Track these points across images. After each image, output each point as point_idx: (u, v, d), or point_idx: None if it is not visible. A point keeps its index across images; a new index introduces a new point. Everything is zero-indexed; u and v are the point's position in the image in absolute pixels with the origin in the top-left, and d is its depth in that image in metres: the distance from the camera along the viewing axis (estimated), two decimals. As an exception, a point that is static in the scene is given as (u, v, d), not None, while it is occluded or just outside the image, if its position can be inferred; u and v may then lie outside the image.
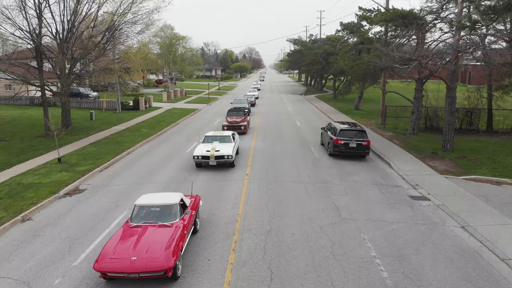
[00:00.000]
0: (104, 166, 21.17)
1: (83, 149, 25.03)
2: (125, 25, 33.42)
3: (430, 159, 22.58)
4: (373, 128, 33.29)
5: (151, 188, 16.93)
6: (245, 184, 17.18)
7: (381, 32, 31.98)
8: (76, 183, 18.24)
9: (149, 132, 31.19)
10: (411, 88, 37.92)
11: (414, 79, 27.49)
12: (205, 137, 21.75)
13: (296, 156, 22.91)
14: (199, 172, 19.29)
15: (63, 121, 33.07)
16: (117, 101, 44.71)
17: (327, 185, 17.15)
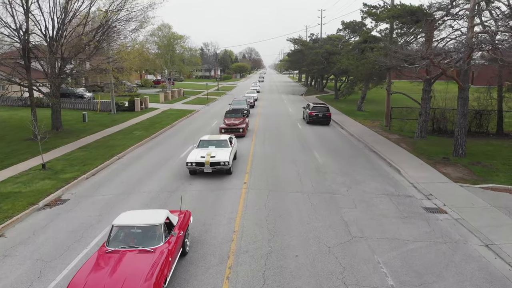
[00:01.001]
0: (91, 173, 19.61)
1: (70, 154, 23.48)
2: (118, 22, 31.90)
3: (442, 165, 21.04)
4: (378, 131, 31.74)
5: (138, 199, 15.37)
6: (243, 194, 15.61)
7: (387, 30, 30.41)
8: (58, 192, 16.69)
9: (142, 134, 29.63)
10: (417, 88, 36.43)
11: (423, 79, 25.94)
12: (200, 142, 20.18)
13: (298, 161, 21.36)
14: (193, 180, 17.72)
15: (53, 123, 31.54)
16: (111, 102, 43.17)
17: (334, 196, 15.58)
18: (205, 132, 30.75)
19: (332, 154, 23.23)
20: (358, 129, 32.35)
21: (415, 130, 30.50)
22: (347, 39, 60.65)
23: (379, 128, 33.44)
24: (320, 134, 30.20)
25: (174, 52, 69.26)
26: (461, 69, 21.21)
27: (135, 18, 32.39)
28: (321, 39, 75.41)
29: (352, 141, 27.95)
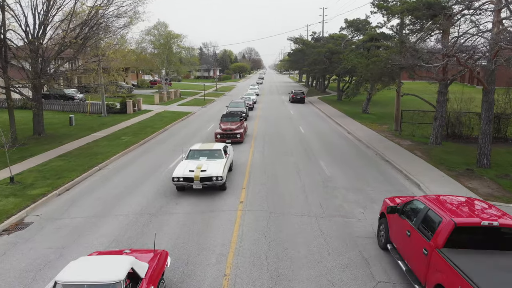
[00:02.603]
0: (64, 187, 17.02)
1: (47, 164, 20.89)
2: (106, 18, 29.34)
3: (466, 177, 18.47)
4: (388, 136, 29.16)
5: (111, 225, 12.77)
6: (238, 218, 13.01)
7: (397, 27, 27.81)
8: (22, 213, 14.13)
9: (130, 140, 27.03)
10: (429, 90, 33.89)
11: (439, 79, 23.35)
12: (189, 152, 17.55)
13: (302, 173, 18.78)
14: (180, 198, 15.12)
15: (34, 127, 29.00)
16: (102, 104, 40.60)
17: (347, 220, 12.98)
18: (199, 137, 28.19)
19: (340, 164, 20.65)
20: (366, 134, 29.77)
21: (428, 136, 27.98)
22: (350, 38, 58.13)
23: (388, 132, 30.86)
24: (325, 140, 27.63)
25: (171, 51, 66.60)
26: (488, 69, 18.63)
27: (124, 13, 29.92)
28: (323, 38, 72.81)
29: (360, 148, 25.37)
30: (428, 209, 9.00)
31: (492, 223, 8.04)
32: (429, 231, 8.57)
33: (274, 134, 29.76)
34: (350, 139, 28.44)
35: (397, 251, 9.98)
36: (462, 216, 8.34)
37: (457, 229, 7.97)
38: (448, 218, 8.21)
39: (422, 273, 8.48)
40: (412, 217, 9.50)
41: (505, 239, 8.17)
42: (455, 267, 7.27)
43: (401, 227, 9.79)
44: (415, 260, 8.86)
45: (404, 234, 9.54)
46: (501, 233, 8.17)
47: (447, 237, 8.00)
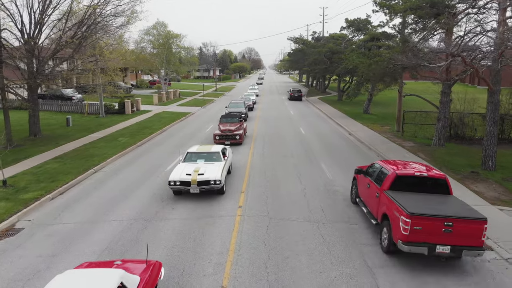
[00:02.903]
0: (58, 191, 16.52)
1: (42, 166, 20.40)
2: (103, 17, 28.83)
3: (471, 180, 17.99)
4: (389, 137, 28.67)
5: (104, 232, 12.26)
6: (237, 224, 12.50)
7: (399, 26, 27.29)
8: (13, 218, 13.64)
9: (127, 142, 26.52)
10: (431, 90, 33.36)
11: (444, 79, 22.85)
12: (187, 154, 17.03)
13: (303, 176, 18.28)
14: (176, 203, 14.62)
15: (30, 128, 28.49)
16: (100, 104, 40.10)
17: (350, 226, 12.48)
18: (198, 139, 27.70)
19: (342, 166, 20.15)
20: (368, 135, 29.28)
21: (431, 137, 27.51)
22: (351, 37, 57.65)
23: (390, 133, 30.37)
24: (326, 141, 27.13)
25: (170, 51, 66.09)
26: (494, 69, 18.13)
27: (122, 12, 29.40)
28: (323, 38, 72.30)
29: (362, 149, 24.88)
30: (382, 167, 12.84)
31: (422, 174, 11.88)
32: (381, 181, 12.17)
33: (274, 135, 29.27)
34: (352, 140, 27.96)
35: (362, 201, 13.74)
36: (402, 170, 12.23)
37: (398, 178, 11.76)
38: (392, 170, 12.06)
39: (375, 210, 12.18)
40: (372, 174, 13.23)
41: (430, 185, 11.78)
42: (393, 200, 10.83)
43: (364, 183, 13.57)
44: (371, 202, 12.58)
45: (366, 187, 13.33)
46: (428, 181, 11.82)
47: (391, 183, 11.72)
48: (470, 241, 9.96)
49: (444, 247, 9.94)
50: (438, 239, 9.93)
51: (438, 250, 9.97)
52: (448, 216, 9.95)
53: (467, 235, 9.93)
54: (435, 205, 10.63)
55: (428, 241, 9.94)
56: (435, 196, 11.52)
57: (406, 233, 9.89)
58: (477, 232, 9.96)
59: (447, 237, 9.91)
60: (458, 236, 9.91)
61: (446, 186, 11.89)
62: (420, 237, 9.94)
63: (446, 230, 9.88)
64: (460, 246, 9.96)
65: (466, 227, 9.92)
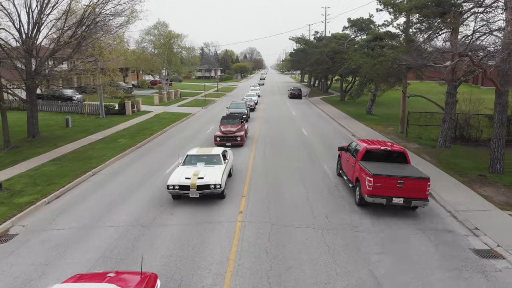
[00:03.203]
0: (54, 195, 16.08)
1: (39, 168, 19.97)
2: (103, 17, 28.40)
3: (479, 184, 17.48)
4: (394, 138, 28.17)
5: (100, 239, 11.80)
6: (237, 231, 12.02)
7: (404, 25, 26.76)
8: (7, 224, 13.19)
9: (127, 143, 26.08)
10: (435, 90, 32.85)
11: (450, 80, 22.34)
12: (186, 157, 16.55)
13: (306, 179, 17.80)
14: (175, 208, 14.15)
15: (29, 130, 28.08)
16: (100, 105, 39.70)
17: (355, 233, 12.00)
18: (198, 140, 27.25)
19: (346, 169, 19.66)
20: (371, 136, 28.71)
21: (436, 138, 27.02)
22: (353, 37, 57.13)
23: (394, 135, 29.87)
24: (328, 142, 26.63)
25: (172, 51, 65.67)
26: (503, 69, 17.62)
27: (121, 12, 28.97)
28: (326, 38, 71.78)
29: (366, 152, 24.36)
30: (357, 144, 16.49)
31: (386, 148, 15.57)
32: (356, 154, 15.64)
33: (276, 136, 28.80)
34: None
35: (343, 172, 17.37)
36: (371, 145, 15.73)
37: (367, 151, 15.35)
38: (363, 146, 15.60)
39: (351, 176, 15.83)
40: (350, 150, 16.77)
41: (394, 157, 15.32)
42: (363, 167, 14.27)
43: (345, 158, 17.29)
44: (349, 171, 16.19)
45: (346, 161, 17.07)
46: (391, 154, 15.39)
47: (362, 155, 15.27)
48: (417, 194, 13.33)
49: (398, 199, 13.40)
50: (394, 193, 13.35)
51: (394, 201, 13.44)
52: (400, 176, 13.45)
53: (415, 190, 13.30)
54: (393, 169, 14.09)
55: (386, 195, 13.38)
56: (395, 164, 15.01)
57: (370, 188, 13.41)
58: (423, 188, 13.32)
59: (400, 191, 13.32)
60: (409, 190, 13.31)
61: (405, 157, 15.46)
62: (380, 191, 13.38)
63: (399, 186, 13.33)
64: (410, 198, 13.36)
65: (414, 184, 13.31)
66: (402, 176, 13.37)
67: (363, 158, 15.13)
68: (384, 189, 13.31)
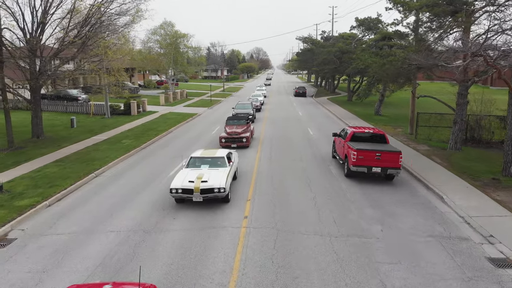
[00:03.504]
0: (56, 197, 15.75)
1: (41, 170, 19.69)
2: (108, 16, 28.13)
3: (492, 188, 16.87)
4: (403, 140, 27.56)
5: (99, 244, 11.41)
6: (242, 237, 11.57)
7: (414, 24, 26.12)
8: (6, 227, 12.87)
9: (131, 144, 25.76)
10: (445, 91, 32.22)
11: (461, 80, 21.69)
12: (190, 159, 16.14)
13: (313, 182, 17.31)
14: (178, 212, 13.73)
15: (33, 130, 27.86)
16: (105, 105, 39.48)
17: (365, 240, 11.49)
18: (204, 141, 26.86)
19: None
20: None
21: (446, 140, 26.38)
22: (361, 37, 56.47)
23: (403, 136, 29.25)
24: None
25: (178, 51, 65.40)
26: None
27: (126, 11, 28.67)
28: (333, 37, 71.14)
29: (374, 154, 23.80)
30: (346, 129, 20.03)
31: (370, 131, 19.37)
32: (345, 137, 19.03)
33: (282, 137, 28.32)
34: (363, 144, 26.89)
35: (336, 153, 20.94)
36: (357, 129, 19.56)
37: (354, 134, 18.84)
38: (351, 130, 19.16)
39: (341, 154, 19.35)
40: (341, 135, 20.29)
41: (375, 139, 18.85)
42: (350, 145, 17.53)
43: (338, 141, 20.69)
44: (340, 150, 19.73)
45: (338, 143, 20.54)
46: (374, 136, 19.01)
47: (350, 137, 18.68)
48: (392, 164, 16.88)
49: (377, 168, 16.99)
50: (373, 164, 16.96)
51: (373, 170, 17.00)
52: (378, 150, 17.09)
53: (390, 161, 16.86)
54: (373, 146, 17.66)
55: (367, 165, 17.01)
56: (376, 143, 18.74)
57: (354, 160, 17.08)
58: (396, 159, 16.86)
59: (378, 162, 16.93)
60: (385, 161, 16.89)
61: (384, 139, 19.18)
62: (362, 162, 17.04)
63: (377, 158, 16.90)
64: (386, 168, 16.90)
65: (389, 156, 16.88)
66: (379, 150, 17.06)
67: (351, 140, 18.76)
68: (365, 160, 16.99)
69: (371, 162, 16.86)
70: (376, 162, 16.82)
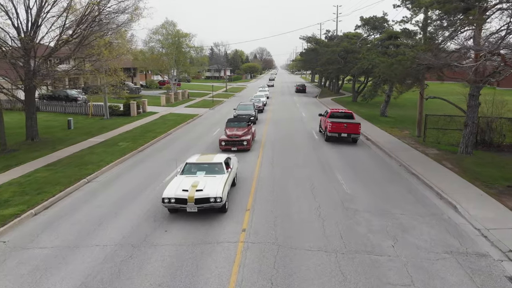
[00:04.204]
0: (43, 205, 14.80)
1: (31, 175, 18.76)
2: (105, 15, 27.20)
3: (508, 196, 15.75)
4: (411, 143, 26.45)
5: (84, 259, 10.43)
6: (238, 255, 10.52)
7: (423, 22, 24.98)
8: (-14, 239, 11.92)
9: (128, 147, 24.81)
10: (455, 91, 31.05)
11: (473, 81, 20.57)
12: (185, 165, 15.11)
13: (317, 189, 16.26)
14: (170, 224, 12.71)
15: (27, 132, 27.01)
16: (104, 106, 38.59)
17: (375, 258, 10.42)
18: (203, 144, 25.89)
19: (360, 178, 18.11)
20: (386, 141, 27.09)
21: (455, 143, 25.27)
22: (366, 36, 55.34)
23: (410, 139, 28.12)
24: (341, 147, 25.03)
25: (180, 50, 64.46)
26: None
27: (124, 10, 27.71)
28: (337, 37, 70.00)
29: (382, 158, 22.74)
30: (328, 110, 28.74)
31: (342, 111, 28.93)
32: (326, 115, 27.79)
33: (285, 140, 27.28)
34: (370, 146, 25.81)
35: (321, 127, 29.30)
36: (334, 110, 28.93)
37: (332, 113, 27.84)
38: (330, 110, 28.40)
39: (324, 126, 27.80)
40: (324, 114, 29.07)
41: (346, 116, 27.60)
42: (328, 119, 26.25)
43: (322, 119, 29.05)
44: (323, 125, 28.08)
45: (322, 120, 29.04)
46: (345, 114, 28.01)
47: (329, 115, 27.39)
48: (354, 131, 25.21)
49: (345, 134, 25.08)
50: (342, 131, 25.12)
51: (341, 135, 25.19)
52: (345, 122, 25.29)
53: (353, 129, 25.10)
54: (342, 119, 26.14)
55: (338, 131, 25.18)
56: (346, 118, 26.91)
57: (330, 128, 25.24)
58: (357, 128, 25.17)
59: (345, 130, 25.15)
60: (349, 130, 25.09)
61: (352, 116, 27.58)
62: (335, 130, 25.15)
63: (344, 127, 25.04)
64: (350, 134, 25.21)
65: (352, 126, 25.06)
66: (345, 122, 25.81)
67: (329, 117, 27.20)
68: (337, 129, 25.50)
69: (341, 130, 25.43)
70: (344, 130, 25.47)
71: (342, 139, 26.27)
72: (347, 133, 25.07)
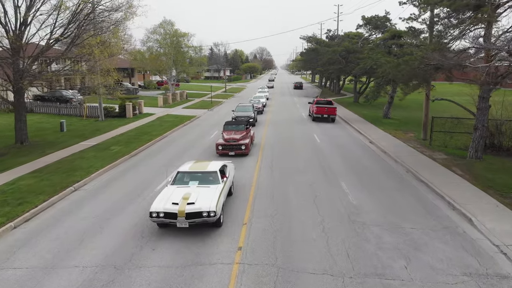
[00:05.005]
0: (23, 217, 13.64)
1: (15, 182, 17.59)
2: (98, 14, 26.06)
3: (526, 207, 14.60)
4: (417, 146, 25.29)
5: (60, 283, 9.27)
6: (233, 279, 9.31)
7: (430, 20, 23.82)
8: (-43, 257, 10.77)
9: (120, 151, 23.65)
10: (463, 92, 29.86)
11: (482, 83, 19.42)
12: (177, 175, 13.93)
13: (321, 200, 15.09)
14: (159, 241, 11.53)
15: (16, 135, 25.84)
16: (99, 107, 37.43)
17: (386, 283, 9.24)
18: (199, 148, 24.75)
19: (366, 186, 16.95)
20: (391, 144, 25.94)
21: (463, 147, 24.19)
22: (367, 36, 54.21)
23: (416, 142, 26.98)
24: (344, 151, 23.90)
25: (179, 50, 63.29)
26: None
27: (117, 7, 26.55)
28: (338, 36, 68.83)
29: (387, 162, 21.59)
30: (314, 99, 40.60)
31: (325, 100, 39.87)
32: (313, 103, 39.15)
33: (285, 143, 26.13)
34: (374, 151, 24.65)
35: (310, 112, 39.59)
36: (319, 99, 40.28)
37: (317, 101, 38.80)
38: (316, 99, 39.71)
39: (311, 111, 38.94)
40: (312, 102, 40.06)
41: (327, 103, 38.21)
42: (315, 105, 37.42)
43: (311, 106, 39.52)
44: (311, 110, 39.15)
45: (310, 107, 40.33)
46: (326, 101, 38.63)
47: (315, 102, 38.50)
48: (332, 113, 36.34)
49: (326, 115, 36.13)
50: (324, 113, 36.15)
51: (324, 116, 36.12)
52: (326, 106, 36.62)
53: (331, 112, 36.31)
54: (324, 105, 36.92)
55: (321, 113, 36.17)
56: (327, 104, 37.10)
57: (315, 111, 36.44)
58: (334, 111, 36.45)
59: (326, 112, 36.12)
60: (330, 112, 36.27)
61: (331, 103, 37.66)
62: (319, 112, 36.22)
63: (326, 110, 36.18)
64: (329, 115, 36.36)
65: (331, 109, 36.31)
66: (326, 106, 36.10)
67: (315, 104, 36.94)
68: (320, 111, 35.69)
69: (323, 112, 35.68)
70: (325, 112, 35.67)
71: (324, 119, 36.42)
72: (327, 114, 35.61)
